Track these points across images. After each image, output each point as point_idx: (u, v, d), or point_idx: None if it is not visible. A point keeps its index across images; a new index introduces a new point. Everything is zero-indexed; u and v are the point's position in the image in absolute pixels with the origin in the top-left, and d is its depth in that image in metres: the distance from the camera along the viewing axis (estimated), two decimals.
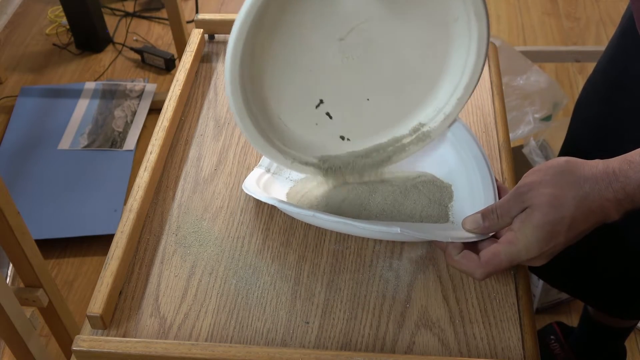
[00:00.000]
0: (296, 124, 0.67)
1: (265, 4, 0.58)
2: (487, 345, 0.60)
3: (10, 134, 1.90)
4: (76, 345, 0.60)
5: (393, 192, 0.69)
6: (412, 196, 0.69)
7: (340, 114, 0.68)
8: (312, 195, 0.71)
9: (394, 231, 0.59)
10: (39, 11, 2.40)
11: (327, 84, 0.67)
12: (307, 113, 0.67)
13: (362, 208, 0.69)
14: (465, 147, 0.69)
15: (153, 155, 0.74)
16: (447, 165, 0.71)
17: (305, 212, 0.63)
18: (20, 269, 1.11)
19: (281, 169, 0.73)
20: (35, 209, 1.66)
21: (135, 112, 1.95)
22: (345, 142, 0.69)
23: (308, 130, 0.68)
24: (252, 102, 0.63)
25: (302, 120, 0.67)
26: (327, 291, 0.65)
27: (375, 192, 0.70)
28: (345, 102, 0.68)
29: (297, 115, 0.67)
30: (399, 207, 0.68)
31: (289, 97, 0.66)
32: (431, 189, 0.70)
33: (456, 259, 0.60)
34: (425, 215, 0.68)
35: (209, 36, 0.93)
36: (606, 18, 2.26)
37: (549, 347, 1.32)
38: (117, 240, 0.66)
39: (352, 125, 0.69)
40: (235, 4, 2.45)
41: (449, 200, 0.69)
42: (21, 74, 2.15)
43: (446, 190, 0.70)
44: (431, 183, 0.71)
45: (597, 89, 0.92)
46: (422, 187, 0.70)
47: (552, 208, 0.57)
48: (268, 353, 0.58)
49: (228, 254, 0.68)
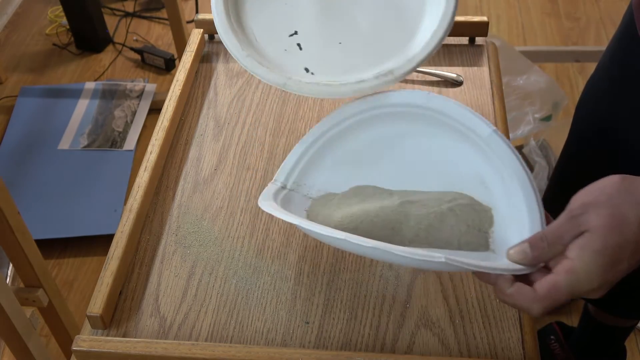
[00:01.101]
0: (266, 43, 0.70)
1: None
2: (487, 345, 0.60)
3: (10, 134, 1.90)
4: (76, 345, 0.60)
5: (427, 216, 0.62)
6: (449, 221, 0.62)
7: (310, 49, 0.70)
8: (336, 217, 0.64)
9: (438, 259, 0.52)
10: (39, 11, 2.40)
11: (304, 20, 0.71)
12: (279, 37, 0.70)
13: (394, 232, 0.62)
14: (505, 164, 0.62)
15: (153, 155, 0.74)
16: (484, 185, 0.64)
17: (336, 235, 0.56)
18: (20, 269, 1.11)
19: (299, 186, 0.68)
20: (35, 209, 1.66)
21: (135, 112, 1.95)
22: (309, 74, 0.68)
23: (276, 53, 0.69)
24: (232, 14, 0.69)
25: (272, 42, 0.70)
26: (327, 291, 0.65)
27: (408, 215, 0.63)
28: (318, 39, 0.71)
29: (268, 36, 0.70)
30: (435, 233, 0.62)
31: (265, 18, 0.71)
32: (469, 213, 0.63)
33: (509, 293, 0.53)
34: (464, 242, 0.61)
35: (209, 36, 0.93)
36: (606, 18, 2.26)
37: (549, 347, 1.32)
38: (117, 240, 0.66)
39: (319, 62, 0.69)
40: None
41: (488, 226, 0.62)
42: (21, 74, 2.15)
43: (485, 215, 0.63)
44: (469, 206, 0.63)
45: (599, 88, 0.91)
46: (460, 211, 0.63)
47: (612, 231, 0.51)
48: (268, 353, 0.58)
49: (228, 254, 0.68)
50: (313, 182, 0.68)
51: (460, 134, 0.64)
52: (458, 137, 0.65)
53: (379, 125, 0.68)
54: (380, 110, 0.67)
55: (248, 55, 0.67)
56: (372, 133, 0.68)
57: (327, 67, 0.69)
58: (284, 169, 0.67)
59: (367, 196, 0.66)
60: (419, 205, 0.64)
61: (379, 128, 0.68)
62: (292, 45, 0.69)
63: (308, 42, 0.70)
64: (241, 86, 0.86)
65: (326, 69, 0.68)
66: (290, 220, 0.60)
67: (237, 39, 0.68)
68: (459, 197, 0.64)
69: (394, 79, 0.66)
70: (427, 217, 0.62)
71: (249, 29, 0.70)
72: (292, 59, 0.69)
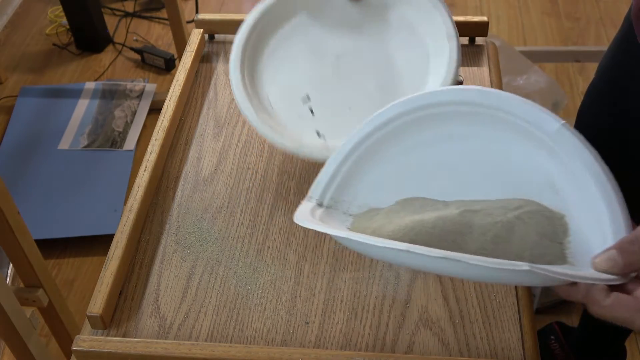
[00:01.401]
0: (280, 108, 0.73)
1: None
2: (487, 345, 0.60)
3: (10, 134, 1.90)
4: (76, 345, 0.60)
5: (493, 226, 0.54)
6: (518, 231, 0.54)
7: (322, 114, 0.73)
8: (386, 232, 0.57)
9: (521, 268, 0.45)
10: (39, 11, 2.40)
11: (316, 86, 0.75)
12: (293, 103, 0.73)
13: (456, 245, 0.54)
14: (578, 162, 0.53)
15: (153, 155, 0.74)
16: (554, 188, 0.56)
17: (396, 246, 0.49)
18: (20, 269, 1.11)
19: (337, 202, 0.62)
20: (35, 209, 1.66)
21: (135, 112, 1.95)
22: (320, 139, 0.71)
23: (290, 118, 0.72)
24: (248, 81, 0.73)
25: (287, 108, 0.73)
26: (327, 291, 0.65)
27: (471, 226, 0.55)
28: (329, 105, 0.74)
29: (283, 102, 0.73)
30: (503, 245, 0.54)
31: (279, 84, 0.75)
32: (540, 222, 0.55)
33: (607, 305, 0.47)
34: (537, 254, 0.53)
35: (209, 36, 0.93)
36: (606, 18, 2.26)
37: (549, 347, 1.32)
38: (117, 240, 0.66)
39: (330, 126, 0.72)
40: (235, 4, 2.45)
41: (563, 236, 0.54)
42: (21, 74, 2.15)
43: (559, 223, 0.55)
44: (539, 214, 0.55)
45: (601, 94, 0.91)
46: (529, 219, 0.55)
47: None
48: (268, 353, 0.58)
49: (228, 254, 0.68)
50: (353, 198, 0.62)
51: (522, 132, 0.56)
52: (520, 135, 0.57)
53: (425, 128, 0.60)
54: (425, 111, 0.60)
55: (263, 121, 0.69)
56: (417, 138, 0.61)
57: (338, 131, 0.70)
58: (319, 184, 0.61)
59: (419, 208, 0.59)
60: (482, 215, 0.56)
61: (425, 132, 0.61)
62: (305, 111, 0.73)
63: (320, 108, 0.73)
64: None
65: (337, 133, 0.70)
66: (339, 234, 0.54)
67: (252, 105, 0.71)
68: (526, 204, 0.56)
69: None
70: (493, 227, 0.54)
71: (264, 94, 0.73)
72: (305, 123, 0.72)
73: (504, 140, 0.58)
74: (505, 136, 0.58)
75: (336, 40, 0.78)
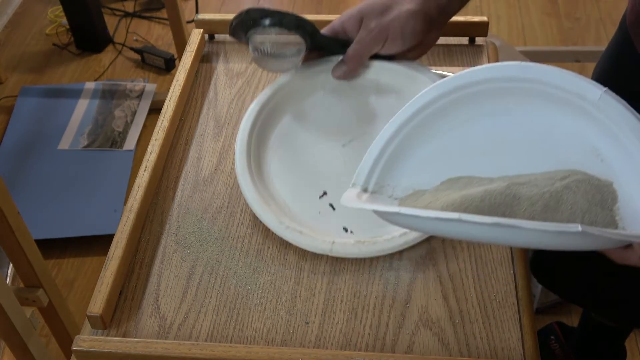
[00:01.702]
0: (298, 209, 0.69)
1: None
2: (487, 345, 0.60)
3: (10, 134, 1.90)
4: (76, 345, 0.60)
5: (541, 196, 0.54)
6: (567, 200, 0.54)
7: (343, 207, 0.66)
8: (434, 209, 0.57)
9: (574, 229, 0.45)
10: (39, 11, 2.40)
11: (330, 180, 0.71)
12: (310, 201, 0.70)
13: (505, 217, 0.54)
14: (623, 128, 0.53)
15: (153, 155, 0.74)
16: (600, 157, 0.56)
17: (448, 216, 0.49)
18: (20, 269, 1.11)
19: (381, 187, 0.63)
20: (35, 209, 1.66)
21: (135, 112, 1.95)
22: (349, 233, 0.67)
23: (311, 217, 0.69)
24: (260, 185, 0.70)
25: (305, 208, 0.69)
26: (327, 291, 0.65)
27: (518, 198, 0.55)
28: None
29: (300, 202, 0.70)
30: (553, 215, 0.54)
31: (292, 185, 0.71)
32: (588, 189, 0.55)
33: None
34: (588, 222, 0.53)
35: (209, 36, 0.93)
36: (606, 18, 2.26)
37: (549, 347, 1.32)
38: (117, 240, 0.66)
39: (355, 219, 0.68)
40: (235, 4, 2.45)
41: (612, 203, 0.54)
42: (21, 74, 2.15)
43: (607, 190, 0.55)
44: (586, 182, 0.55)
45: None
46: (577, 187, 0.55)
47: None
48: (268, 353, 0.58)
49: (228, 254, 0.68)
50: (397, 181, 0.63)
51: (564, 103, 0.56)
52: (562, 107, 0.57)
53: (466, 107, 0.61)
54: (465, 91, 0.60)
55: (287, 227, 0.66)
56: (458, 118, 0.61)
57: (364, 223, 0.67)
58: (362, 170, 0.63)
59: (464, 186, 0.59)
60: (529, 186, 0.56)
61: (466, 111, 0.61)
62: (324, 207, 0.69)
63: (339, 201, 0.67)
64: (241, 86, 0.86)
65: (364, 225, 0.67)
66: (391, 209, 0.54)
67: (271, 212, 0.67)
68: (573, 174, 0.56)
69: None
70: (542, 198, 0.54)
71: (279, 198, 0.70)
72: (328, 220, 0.68)
73: (546, 113, 0.58)
74: (547, 109, 0.58)
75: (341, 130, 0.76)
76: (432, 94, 0.61)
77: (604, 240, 0.48)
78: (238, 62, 0.90)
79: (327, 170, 0.72)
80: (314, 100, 0.78)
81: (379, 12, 0.71)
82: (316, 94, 0.78)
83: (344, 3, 2.44)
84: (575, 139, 0.57)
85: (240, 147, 0.71)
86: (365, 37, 0.73)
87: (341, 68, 0.76)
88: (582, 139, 0.57)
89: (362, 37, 0.73)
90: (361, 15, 0.72)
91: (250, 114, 0.74)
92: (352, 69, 0.75)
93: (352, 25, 0.74)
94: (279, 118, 0.77)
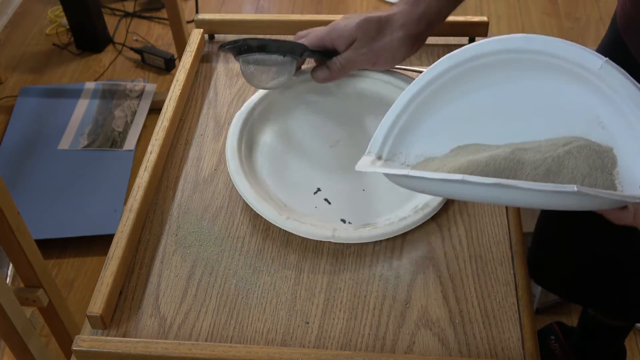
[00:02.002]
0: (295, 205, 0.70)
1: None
2: (487, 345, 0.60)
3: (10, 134, 1.90)
4: (76, 345, 0.60)
5: (544, 161, 0.58)
6: (568, 164, 0.57)
7: (338, 201, 0.71)
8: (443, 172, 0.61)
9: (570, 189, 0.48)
10: (39, 11, 2.40)
11: (322, 177, 0.73)
12: (305, 197, 0.71)
13: None
14: (624, 96, 0.56)
15: (153, 155, 0.74)
16: (601, 124, 0.59)
17: (452, 177, 0.54)
18: (20, 269, 1.11)
19: (394, 155, 0.67)
20: (35, 209, 1.66)
21: (135, 112, 1.95)
22: (347, 224, 0.69)
23: (308, 211, 0.70)
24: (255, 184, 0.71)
25: (301, 203, 0.71)
26: (327, 291, 0.65)
27: (522, 163, 0.58)
28: (342, 191, 0.72)
29: (296, 199, 0.71)
30: (555, 179, 0.57)
31: (286, 185, 0.72)
32: (589, 155, 0.58)
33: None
34: (588, 185, 0.56)
35: (209, 36, 0.93)
36: (606, 18, 2.26)
37: (549, 347, 1.32)
38: (117, 240, 0.66)
39: (352, 211, 0.70)
40: (235, 4, 2.45)
41: (612, 167, 0.57)
42: (21, 74, 2.15)
43: (607, 155, 0.58)
44: (587, 147, 0.58)
45: None
46: (578, 152, 0.58)
47: None
48: (268, 353, 0.58)
49: (228, 254, 0.68)
50: (409, 149, 0.66)
51: (567, 73, 0.59)
52: (566, 76, 0.60)
53: (474, 79, 0.64)
54: (473, 63, 0.63)
55: (288, 217, 0.67)
56: (467, 88, 0.65)
57: (361, 213, 0.69)
58: (377, 139, 0.66)
59: (472, 152, 0.63)
60: (532, 152, 0.59)
61: (474, 82, 0.64)
62: (320, 202, 0.71)
63: (334, 196, 0.71)
64: (241, 86, 0.86)
65: (361, 216, 0.69)
66: (399, 172, 0.59)
67: (270, 206, 0.68)
68: (575, 140, 0.59)
69: (431, 211, 0.67)
70: (544, 162, 0.57)
71: (275, 197, 0.71)
72: (325, 213, 0.70)
73: (550, 83, 0.61)
74: (551, 79, 0.60)
75: (330, 131, 0.78)
76: (442, 66, 0.64)
77: (601, 201, 0.50)
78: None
79: (318, 169, 0.74)
80: (299, 106, 0.80)
81: (372, 38, 0.74)
82: (302, 99, 0.81)
83: (343, 3, 2.44)
84: (578, 107, 0.60)
85: (231, 149, 0.73)
86: (356, 59, 0.75)
87: (323, 72, 0.77)
88: (585, 107, 0.59)
89: (351, 58, 0.75)
90: (353, 39, 0.74)
91: (238, 119, 0.76)
92: (334, 78, 0.78)
93: (342, 44, 0.75)
94: (267, 122, 0.78)
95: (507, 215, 0.70)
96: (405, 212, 0.68)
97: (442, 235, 0.68)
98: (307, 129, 0.79)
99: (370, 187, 0.72)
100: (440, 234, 0.68)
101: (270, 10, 2.41)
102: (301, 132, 0.78)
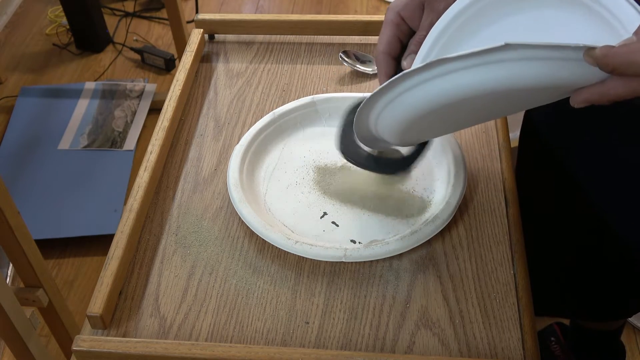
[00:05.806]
0: (302, 231, 0.70)
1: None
2: (487, 345, 0.60)
3: (10, 134, 1.90)
4: (76, 345, 0.60)
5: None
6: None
7: (346, 223, 0.70)
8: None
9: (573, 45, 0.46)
10: (39, 11, 2.40)
11: (327, 202, 0.73)
12: (312, 223, 0.70)
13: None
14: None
15: (153, 155, 0.74)
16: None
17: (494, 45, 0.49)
18: (20, 269, 1.11)
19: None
20: (35, 209, 1.66)
21: (135, 112, 1.95)
22: (357, 245, 0.68)
23: (317, 235, 0.69)
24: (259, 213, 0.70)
25: (309, 229, 0.70)
26: (327, 291, 0.65)
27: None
28: (348, 213, 0.71)
29: (302, 225, 0.70)
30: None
31: (291, 211, 0.72)
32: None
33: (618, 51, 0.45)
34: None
35: (209, 36, 0.93)
36: None
37: (549, 348, 1.32)
38: (117, 240, 0.66)
39: (361, 231, 0.70)
40: (235, 4, 2.45)
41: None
42: (21, 74, 2.15)
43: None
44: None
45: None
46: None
47: None
48: (268, 353, 0.58)
49: (228, 254, 0.68)
50: None
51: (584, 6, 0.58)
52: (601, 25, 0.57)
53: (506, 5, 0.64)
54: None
55: (297, 241, 0.66)
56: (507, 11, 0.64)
57: (371, 232, 0.69)
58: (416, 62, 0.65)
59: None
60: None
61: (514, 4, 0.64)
62: (327, 225, 0.70)
63: (341, 219, 0.71)
64: (241, 86, 0.86)
65: (371, 235, 0.69)
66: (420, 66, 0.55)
67: (276, 233, 0.67)
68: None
69: (442, 222, 0.67)
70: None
71: (280, 224, 0.70)
72: (333, 236, 0.69)
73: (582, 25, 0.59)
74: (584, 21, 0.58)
75: (333, 154, 0.76)
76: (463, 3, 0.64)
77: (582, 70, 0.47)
78: (238, 62, 0.90)
79: (324, 197, 0.73)
80: (297, 133, 0.80)
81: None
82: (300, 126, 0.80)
83: (343, 3, 2.44)
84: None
85: (234, 179, 0.71)
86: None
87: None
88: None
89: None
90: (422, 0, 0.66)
91: (240, 148, 0.75)
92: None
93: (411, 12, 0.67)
94: (269, 149, 0.78)
95: (507, 216, 0.70)
96: (416, 226, 0.68)
97: (442, 235, 0.68)
98: (309, 154, 0.77)
99: (377, 209, 0.71)
100: (441, 234, 0.68)
101: (270, 10, 2.41)
102: (303, 157, 0.77)
